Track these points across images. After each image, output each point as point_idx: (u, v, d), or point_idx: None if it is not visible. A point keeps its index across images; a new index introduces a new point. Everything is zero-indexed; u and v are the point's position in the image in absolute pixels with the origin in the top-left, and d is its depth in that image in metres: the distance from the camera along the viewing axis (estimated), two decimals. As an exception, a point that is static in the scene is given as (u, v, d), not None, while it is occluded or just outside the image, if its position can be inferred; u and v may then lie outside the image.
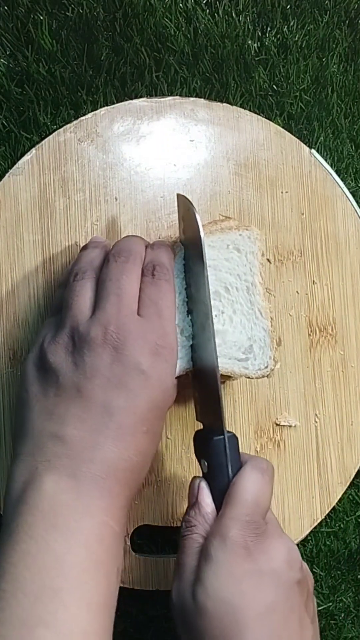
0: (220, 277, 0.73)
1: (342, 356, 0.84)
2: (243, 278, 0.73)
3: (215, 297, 0.73)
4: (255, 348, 0.73)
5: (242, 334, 0.74)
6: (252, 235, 0.73)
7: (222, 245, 0.73)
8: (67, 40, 0.81)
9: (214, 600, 0.62)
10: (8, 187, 0.78)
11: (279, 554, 0.65)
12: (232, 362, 0.73)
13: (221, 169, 0.82)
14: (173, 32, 0.83)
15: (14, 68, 0.81)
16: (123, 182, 0.80)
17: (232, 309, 0.74)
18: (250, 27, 0.85)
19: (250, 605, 0.62)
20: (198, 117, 0.81)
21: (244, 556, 0.64)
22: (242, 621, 0.62)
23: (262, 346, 0.73)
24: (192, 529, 0.67)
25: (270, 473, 0.68)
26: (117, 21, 0.82)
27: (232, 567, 0.63)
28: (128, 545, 0.80)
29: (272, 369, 0.73)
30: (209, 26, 0.84)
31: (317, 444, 0.84)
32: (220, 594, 0.62)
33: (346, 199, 0.84)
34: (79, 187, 0.79)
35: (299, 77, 0.86)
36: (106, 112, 0.80)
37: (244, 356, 0.73)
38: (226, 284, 0.73)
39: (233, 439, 0.69)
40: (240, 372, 0.73)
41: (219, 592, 0.62)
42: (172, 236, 0.79)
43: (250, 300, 0.73)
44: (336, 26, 0.88)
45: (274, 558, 0.65)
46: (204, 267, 0.67)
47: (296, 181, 0.83)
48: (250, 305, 0.73)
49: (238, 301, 0.73)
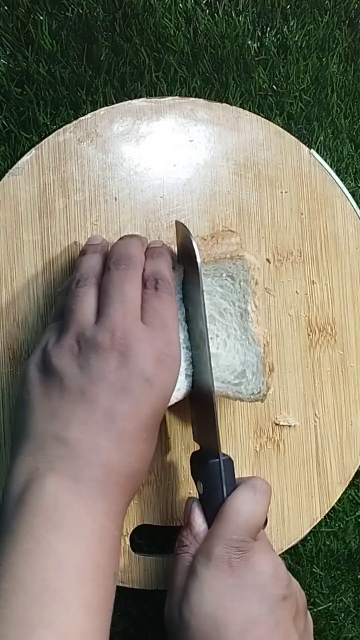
0: (214, 302, 0.75)
1: (341, 356, 0.85)
2: (237, 304, 0.75)
3: (210, 321, 0.75)
4: (247, 373, 0.75)
5: (235, 358, 0.75)
6: (245, 264, 0.74)
7: (216, 273, 0.75)
8: (67, 40, 0.82)
9: (197, 616, 0.64)
10: (7, 187, 0.79)
11: (264, 569, 0.67)
12: (226, 385, 0.75)
13: (221, 169, 0.82)
14: (173, 32, 0.83)
15: (14, 68, 0.81)
16: (122, 182, 0.80)
17: (226, 333, 0.75)
18: (250, 27, 0.86)
19: (233, 620, 0.64)
20: (197, 117, 0.82)
21: (228, 572, 0.65)
22: (224, 636, 0.63)
23: (255, 372, 0.75)
24: (184, 548, 0.69)
25: (264, 491, 0.70)
26: (117, 21, 0.82)
27: (215, 583, 0.65)
28: (127, 545, 0.80)
29: (265, 394, 0.74)
30: (209, 26, 0.84)
31: (317, 444, 0.84)
32: (203, 609, 0.64)
33: (346, 199, 0.85)
34: (79, 187, 0.79)
35: (298, 77, 0.87)
36: (106, 112, 0.80)
37: (237, 380, 0.75)
38: (220, 308, 0.75)
39: (228, 462, 0.70)
40: (234, 396, 0.75)
41: (202, 607, 0.64)
42: (171, 238, 0.80)
43: (244, 327, 0.75)
44: (336, 26, 0.88)
45: (259, 573, 0.66)
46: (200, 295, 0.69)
47: (296, 181, 0.84)
48: (243, 331, 0.75)
49: (232, 326, 0.75)
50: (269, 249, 0.83)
